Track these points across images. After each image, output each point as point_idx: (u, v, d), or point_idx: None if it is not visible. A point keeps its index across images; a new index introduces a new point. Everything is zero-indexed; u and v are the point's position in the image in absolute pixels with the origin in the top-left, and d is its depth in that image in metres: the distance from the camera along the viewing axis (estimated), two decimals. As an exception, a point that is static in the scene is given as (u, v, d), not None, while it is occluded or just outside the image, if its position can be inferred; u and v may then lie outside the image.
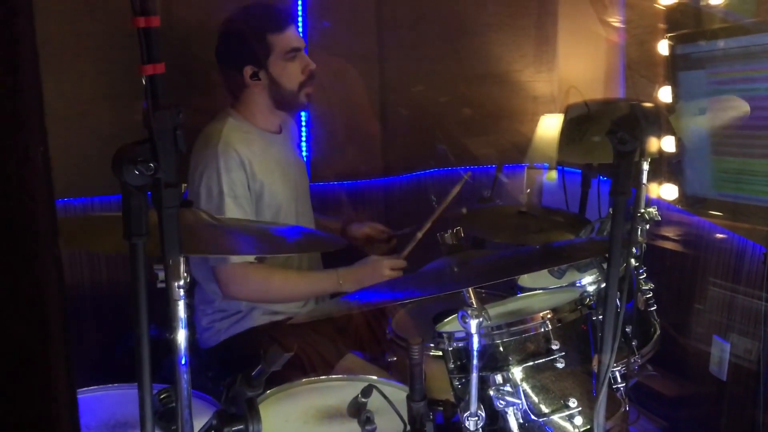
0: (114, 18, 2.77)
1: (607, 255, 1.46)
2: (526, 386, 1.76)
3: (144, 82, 1.12)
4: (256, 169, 2.47)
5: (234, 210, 2.41)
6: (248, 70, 2.51)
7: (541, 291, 2.23)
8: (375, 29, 3.38)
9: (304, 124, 3.23)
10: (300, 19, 3.12)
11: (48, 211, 0.72)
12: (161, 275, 1.21)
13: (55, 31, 2.71)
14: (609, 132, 1.39)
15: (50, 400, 0.72)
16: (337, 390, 1.97)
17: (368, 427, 1.58)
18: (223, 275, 2.42)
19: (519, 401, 1.73)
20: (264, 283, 2.49)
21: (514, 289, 2.34)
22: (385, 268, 2.46)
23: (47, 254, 0.72)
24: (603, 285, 2.00)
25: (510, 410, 1.73)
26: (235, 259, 2.40)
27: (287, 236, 2.01)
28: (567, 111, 2.88)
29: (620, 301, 1.54)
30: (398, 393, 1.78)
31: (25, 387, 0.71)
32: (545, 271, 2.18)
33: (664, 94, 2.91)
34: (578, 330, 1.88)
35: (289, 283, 2.53)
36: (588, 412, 1.74)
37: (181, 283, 1.21)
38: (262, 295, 2.51)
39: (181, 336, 1.23)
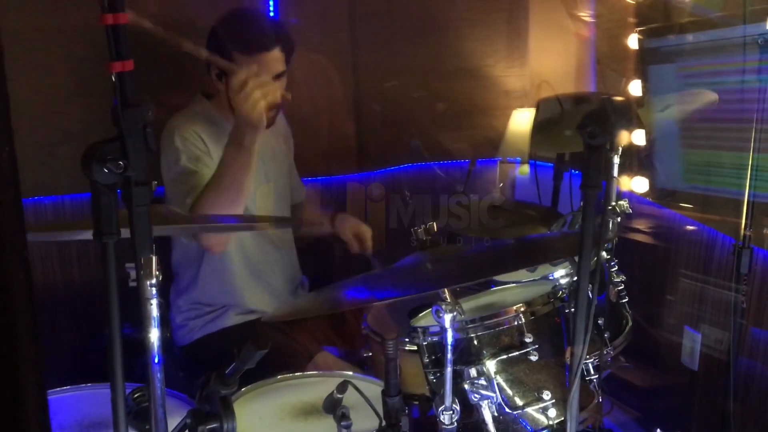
0: (84, 14, 2.74)
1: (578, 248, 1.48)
2: (500, 379, 1.78)
3: (113, 80, 1.11)
4: (214, 155, 2.46)
5: (196, 170, 2.36)
6: (214, 70, 2.49)
7: (514, 284, 2.25)
8: (347, 24, 3.38)
9: (277, 120, 3.21)
10: (271, 14, 3.10)
11: (14, 213, 0.71)
12: (133, 274, 1.20)
13: (24, 28, 2.67)
14: (579, 126, 1.40)
15: (18, 404, 0.71)
16: (312, 386, 1.97)
17: (344, 423, 1.58)
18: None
19: (493, 394, 1.74)
20: (206, 202, 2.26)
21: (488, 283, 2.35)
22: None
23: (14, 256, 0.71)
24: (575, 278, 2.02)
25: (484, 403, 1.74)
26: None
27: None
28: (539, 105, 2.90)
29: (592, 294, 1.56)
30: (373, 388, 1.79)
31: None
32: (518, 264, 2.19)
33: (634, 88, 2.94)
34: (551, 323, 1.90)
35: (218, 181, 2.27)
36: (562, 404, 1.76)
37: (153, 281, 1.20)
38: (214, 205, 2.26)
39: (154, 335, 1.22)
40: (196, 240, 2.42)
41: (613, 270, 2.22)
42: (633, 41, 2.94)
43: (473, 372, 1.76)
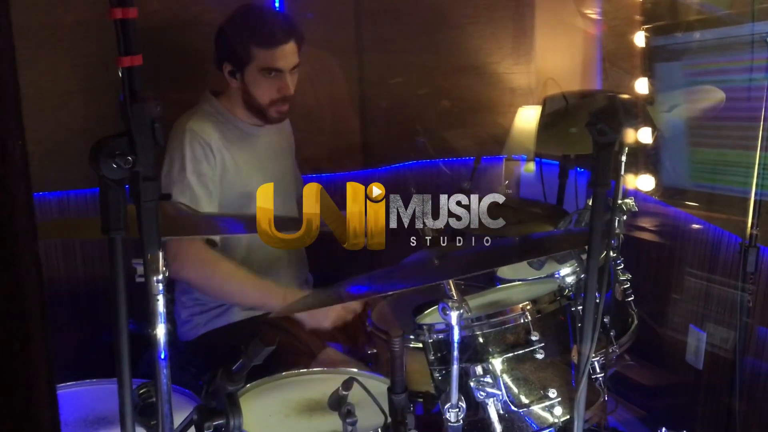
0: (89, 9, 2.73)
1: (586, 246, 1.47)
2: (506, 377, 1.77)
3: (120, 75, 1.11)
4: (224, 156, 2.46)
5: (196, 188, 2.39)
6: (227, 67, 2.50)
7: (520, 282, 2.24)
8: (353, 21, 3.37)
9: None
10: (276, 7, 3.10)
11: (26, 208, 0.71)
12: (140, 269, 1.20)
13: (30, 24, 2.67)
14: (588, 124, 1.40)
15: (30, 398, 0.71)
16: (317, 383, 1.97)
17: (349, 420, 1.58)
18: (170, 249, 2.31)
19: (499, 392, 1.74)
20: (207, 268, 2.38)
21: (494, 281, 2.34)
22: (331, 312, 2.38)
23: (26, 252, 0.71)
24: (582, 276, 2.01)
25: (490, 401, 1.73)
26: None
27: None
28: (545, 103, 2.90)
29: (599, 292, 1.55)
30: (379, 385, 1.78)
31: (5, 385, 0.70)
32: (524, 262, 2.19)
33: (641, 86, 2.93)
34: (557, 321, 1.90)
35: (235, 279, 2.42)
36: (568, 403, 1.76)
37: (160, 277, 1.20)
38: (202, 280, 2.40)
39: (161, 331, 1.22)
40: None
41: (619, 268, 2.21)
42: (640, 39, 2.93)
43: (479, 370, 1.76)
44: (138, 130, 1.10)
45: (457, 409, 1.65)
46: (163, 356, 1.24)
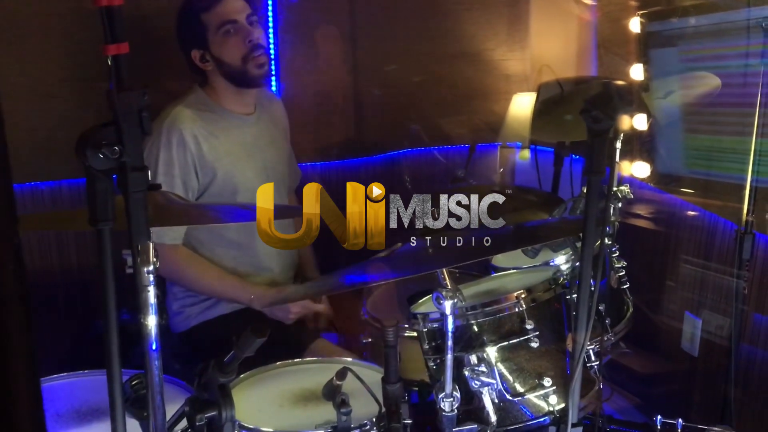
0: (80, -3, 2.72)
1: (581, 234, 1.46)
2: (501, 366, 1.77)
3: (109, 63, 1.09)
4: (206, 149, 2.44)
5: (161, 177, 2.40)
6: (196, 54, 2.49)
7: (514, 270, 2.23)
8: (347, 8, 3.35)
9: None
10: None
11: (5, 198, 0.70)
12: (130, 261, 1.19)
13: (20, 12, 2.65)
14: (583, 110, 1.39)
15: (9, 394, 0.70)
16: (311, 373, 1.96)
17: (343, 410, 1.57)
18: None
19: (494, 381, 1.73)
20: (182, 267, 2.47)
21: (488, 269, 2.34)
22: (295, 305, 2.44)
23: (4, 243, 0.69)
24: (577, 264, 2.00)
25: (485, 390, 1.73)
26: (165, 240, 2.42)
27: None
28: (539, 89, 2.88)
29: (594, 280, 1.55)
30: (373, 375, 1.77)
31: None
32: (519, 250, 2.18)
33: (636, 72, 2.91)
34: (552, 309, 1.89)
35: (206, 276, 2.50)
36: (563, 391, 1.75)
37: (150, 268, 1.19)
38: (178, 278, 2.51)
39: (152, 321, 1.21)
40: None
41: (614, 255, 2.20)
42: (635, 25, 2.91)
43: (474, 359, 1.75)
44: (125, 120, 1.08)
45: (452, 399, 1.64)
46: (154, 347, 1.23)
